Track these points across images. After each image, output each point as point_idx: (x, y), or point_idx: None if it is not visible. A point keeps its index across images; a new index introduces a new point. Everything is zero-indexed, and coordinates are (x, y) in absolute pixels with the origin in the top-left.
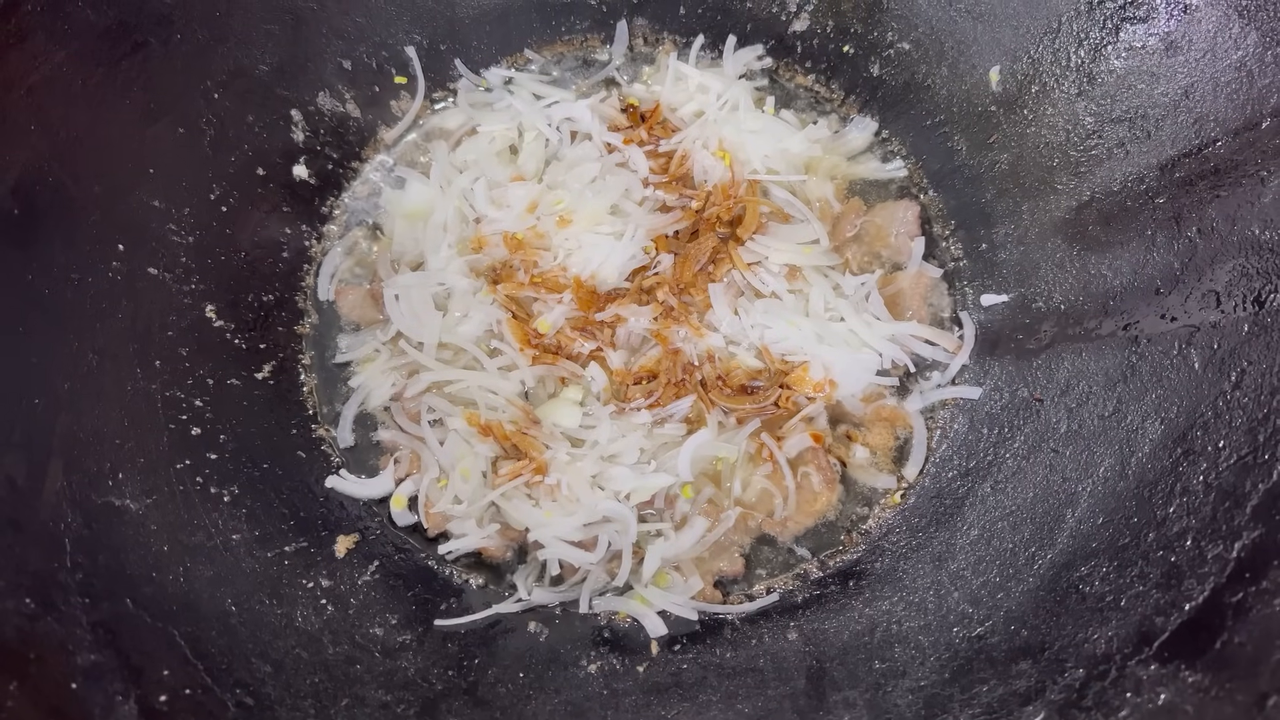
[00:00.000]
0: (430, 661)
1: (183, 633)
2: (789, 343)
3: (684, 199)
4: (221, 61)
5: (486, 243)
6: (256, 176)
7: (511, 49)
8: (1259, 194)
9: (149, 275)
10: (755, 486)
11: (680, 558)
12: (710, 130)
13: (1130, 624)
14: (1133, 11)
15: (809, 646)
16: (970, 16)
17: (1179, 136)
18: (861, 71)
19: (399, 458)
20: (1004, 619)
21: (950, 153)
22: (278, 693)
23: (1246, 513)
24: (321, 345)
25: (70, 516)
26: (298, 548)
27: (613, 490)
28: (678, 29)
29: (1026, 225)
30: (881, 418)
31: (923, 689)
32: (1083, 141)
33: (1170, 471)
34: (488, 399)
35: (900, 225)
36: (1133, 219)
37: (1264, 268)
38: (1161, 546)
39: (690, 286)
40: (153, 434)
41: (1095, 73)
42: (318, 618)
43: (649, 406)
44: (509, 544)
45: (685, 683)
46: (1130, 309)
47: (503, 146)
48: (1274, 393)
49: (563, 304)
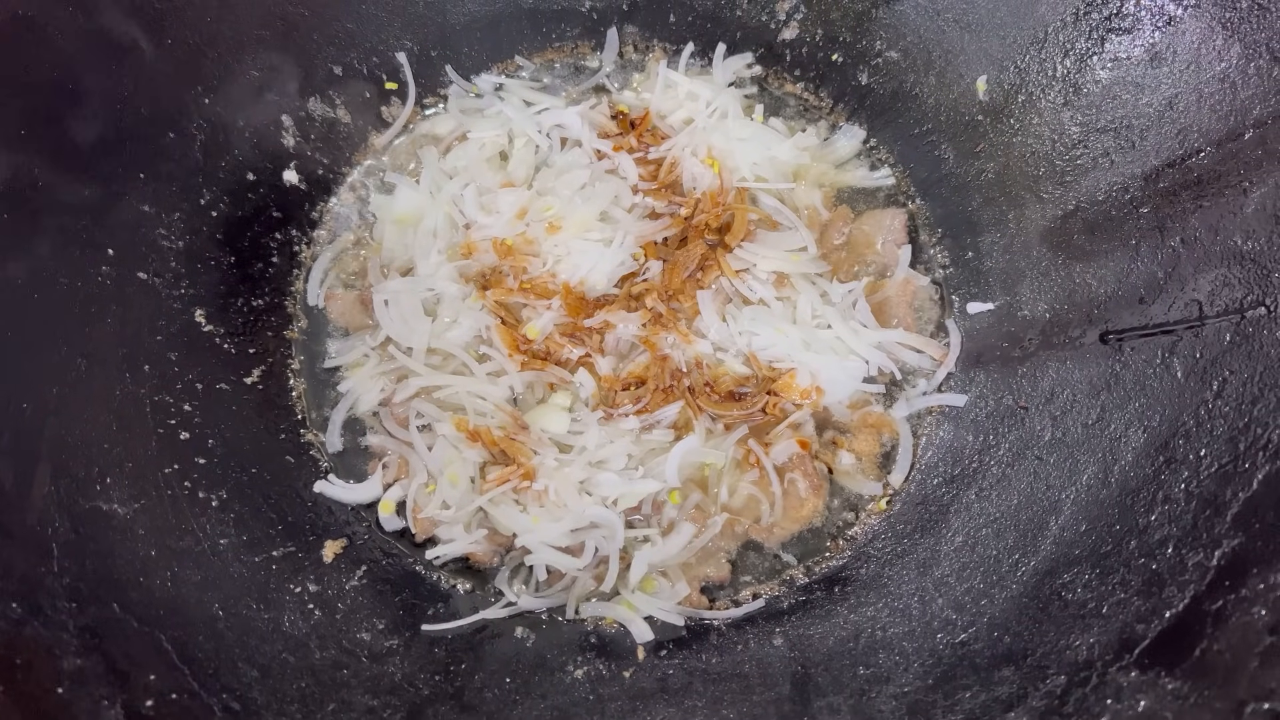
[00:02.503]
0: (417, 666)
1: (170, 637)
2: (776, 349)
3: (673, 206)
4: (212, 66)
5: (476, 249)
6: (247, 181)
7: (502, 55)
8: (1241, 204)
9: (138, 280)
10: (742, 493)
11: (667, 563)
12: (699, 138)
13: (1112, 631)
14: (1118, 23)
15: (794, 652)
16: (958, 26)
17: (1163, 147)
18: (850, 80)
19: (387, 463)
20: (987, 625)
21: (937, 161)
22: (264, 698)
23: (1227, 521)
24: (310, 350)
25: (58, 521)
26: (285, 552)
27: (600, 496)
28: (668, 36)
29: (1012, 234)
30: (868, 424)
31: (906, 695)
32: (1068, 151)
33: (1152, 480)
34: (476, 404)
35: (887, 233)
36: (1117, 228)
37: (1245, 277)
38: (1143, 554)
39: (679, 293)
40: (141, 438)
41: (1081, 83)
42: (305, 623)
43: (637, 412)
44: (496, 549)
45: (671, 688)
46: (1114, 318)
47: (493, 153)
48: (1254, 402)
49: (551, 310)
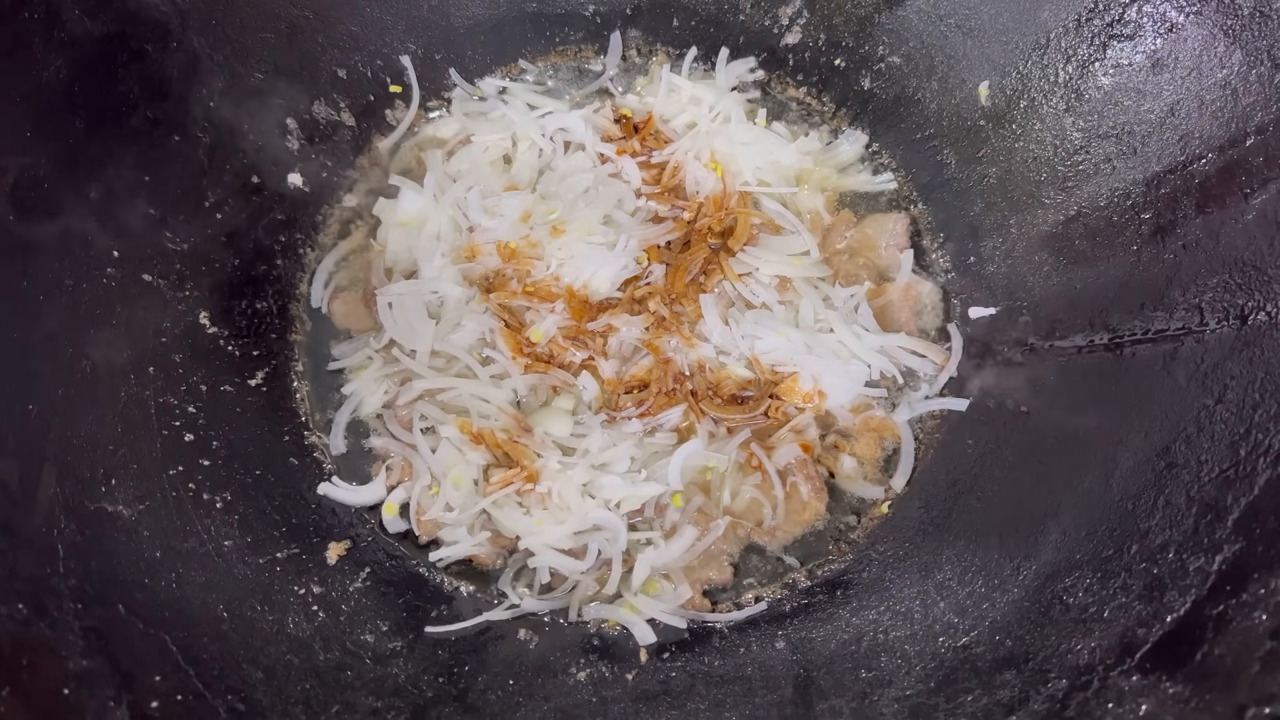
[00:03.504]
0: (420, 668)
1: (174, 639)
2: (779, 353)
3: (676, 210)
4: (217, 70)
5: (479, 252)
6: (251, 184)
7: (506, 59)
8: (1242, 211)
9: (144, 282)
10: (744, 496)
11: (670, 566)
12: (702, 142)
13: (1113, 635)
14: (1120, 29)
15: (796, 655)
16: (960, 31)
17: (1164, 153)
18: (853, 85)
19: (391, 465)
20: (989, 629)
21: (940, 166)
22: (269, 699)
23: (1228, 526)
24: (315, 353)
25: (63, 522)
26: (289, 554)
27: (603, 499)
28: (671, 41)
29: (1014, 239)
30: (870, 428)
31: (908, 698)
32: (1070, 157)
33: (1153, 485)
34: (480, 407)
35: (890, 237)
36: (1118, 234)
37: (1247, 284)
38: (1144, 559)
39: (681, 297)
40: (146, 440)
41: (1083, 89)
42: (309, 624)
43: (640, 415)
44: (500, 552)
45: (674, 691)
46: (1115, 323)
47: (496, 156)
48: (1256, 408)
49: (555, 313)
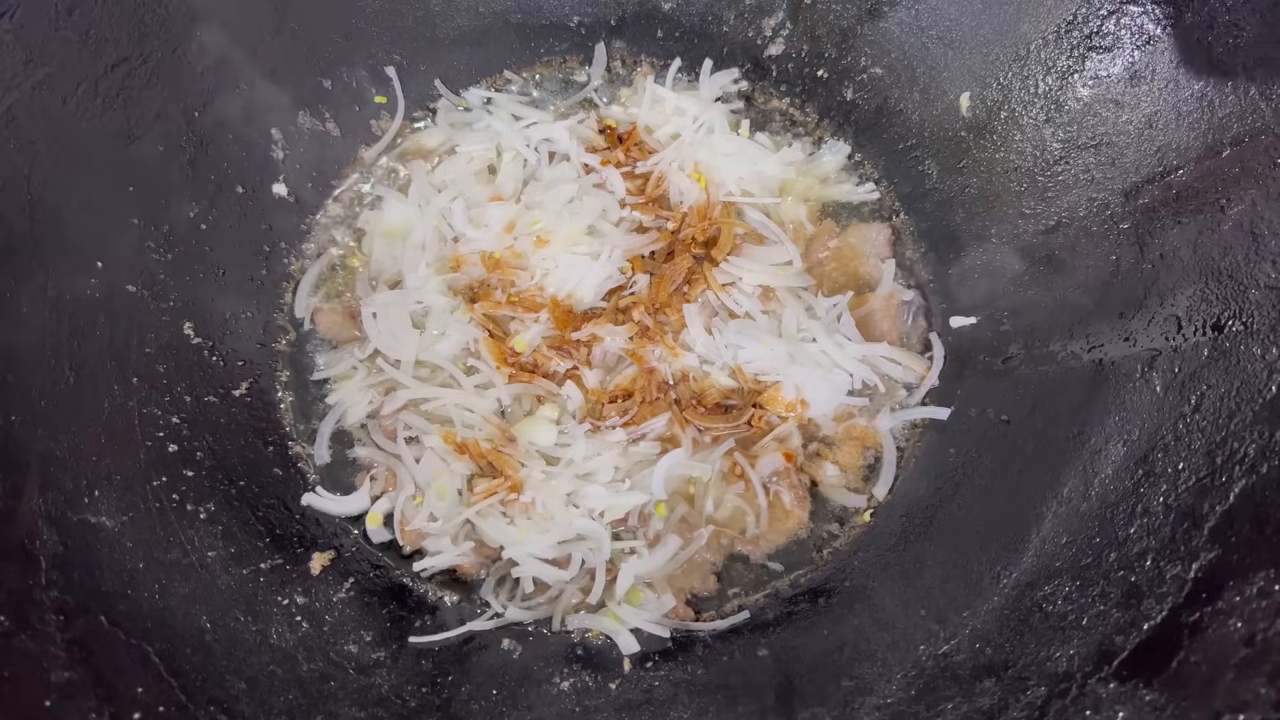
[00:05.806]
0: (404, 679)
1: (157, 650)
2: (762, 362)
3: (660, 220)
4: (201, 80)
5: (464, 262)
6: (236, 194)
7: (491, 70)
8: (1219, 221)
9: (127, 292)
10: (728, 505)
11: (653, 575)
12: (686, 152)
13: (1091, 643)
14: (1099, 41)
15: (779, 663)
16: (942, 43)
17: (1143, 164)
18: (835, 95)
19: (375, 475)
20: (969, 637)
21: (921, 176)
22: (252, 710)
23: (1204, 534)
24: (299, 363)
25: (46, 534)
26: (273, 565)
27: (587, 508)
28: (655, 52)
29: (995, 248)
30: (852, 437)
31: (889, 706)
32: (1050, 167)
33: (1132, 493)
34: (464, 417)
35: (872, 247)
36: (1098, 244)
37: (1223, 294)
38: (1122, 566)
39: (665, 306)
40: (129, 451)
41: (1062, 100)
42: (292, 635)
43: (624, 425)
44: (484, 561)
45: (657, 700)
46: (1094, 332)
47: (481, 166)
48: (1231, 416)
49: (539, 323)
